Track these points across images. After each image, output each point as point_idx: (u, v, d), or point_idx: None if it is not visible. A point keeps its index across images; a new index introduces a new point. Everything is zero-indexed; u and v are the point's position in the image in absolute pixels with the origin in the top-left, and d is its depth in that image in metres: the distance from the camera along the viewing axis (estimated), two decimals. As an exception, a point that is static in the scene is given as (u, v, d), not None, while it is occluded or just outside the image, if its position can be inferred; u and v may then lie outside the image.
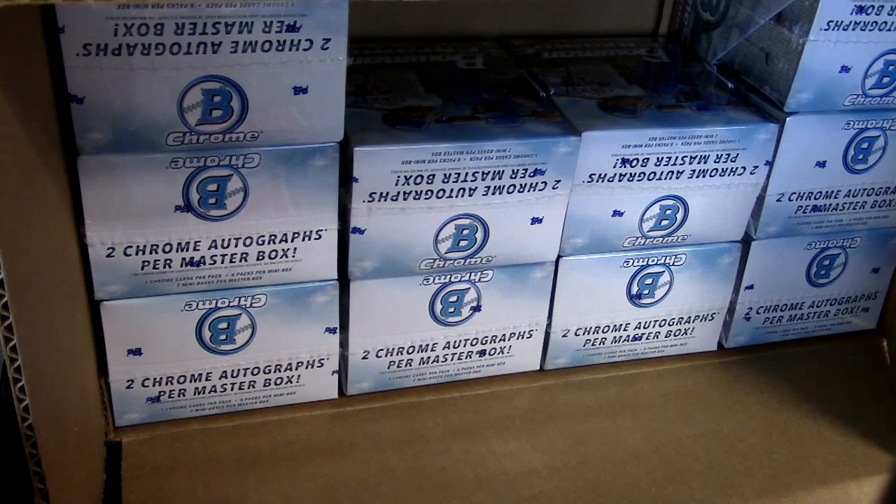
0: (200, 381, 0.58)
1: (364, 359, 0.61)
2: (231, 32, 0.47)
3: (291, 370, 0.60)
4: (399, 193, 0.54)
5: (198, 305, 0.55)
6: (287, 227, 0.54)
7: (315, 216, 0.54)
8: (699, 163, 0.60)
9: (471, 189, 0.56)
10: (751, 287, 0.68)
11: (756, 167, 0.61)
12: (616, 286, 0.64)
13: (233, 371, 0.58)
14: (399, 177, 0.54)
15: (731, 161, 0.60)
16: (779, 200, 0.63)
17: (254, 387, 0.60)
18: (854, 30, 0.58)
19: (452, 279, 0.60)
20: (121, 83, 0.46)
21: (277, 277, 0.56)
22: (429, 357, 0.62)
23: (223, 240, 0.53)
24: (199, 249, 0.53)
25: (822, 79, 0.59)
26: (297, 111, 0.50)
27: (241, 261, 0.54)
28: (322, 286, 0.57)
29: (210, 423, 0.59)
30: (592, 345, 0.66)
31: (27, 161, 0.41)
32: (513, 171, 0.56)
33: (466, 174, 0.55)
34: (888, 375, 0.71)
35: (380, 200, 0.54)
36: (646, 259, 0.63)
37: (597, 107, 0.60)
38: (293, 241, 0.55)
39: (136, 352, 0.56)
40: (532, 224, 0.58)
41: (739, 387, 0.67)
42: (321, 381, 0.61)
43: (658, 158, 0.59)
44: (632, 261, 0.63)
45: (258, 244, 0.54)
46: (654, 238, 0.63)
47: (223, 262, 0.54)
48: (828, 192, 0.64)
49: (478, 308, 0.61)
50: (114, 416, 0.58)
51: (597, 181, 0.58)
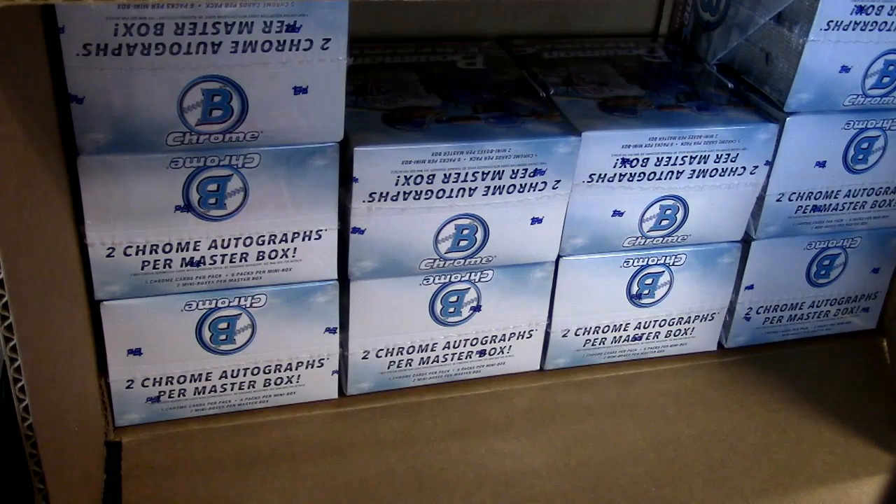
0: (200, 381, 0.58)
1: (364, 359, 0.61)
2: (231, 32, 0.47)
3: (291, 370, 0.60)
4: (399, 193, 0.54)
5: (198, 305, 0.55)
6: (287, 227, 0.54)
7: (315, 216, 0.54)
8: (699, 163, 0.60)
9: (471, 189, 0.56)
10: (751, 287, 0.67)
11: (756, 167, 0.61)
12: (616, 286, 0.64)
13: (233, 371, 0.58)
14: (399, 177, 0.54)
15: (731, 161, 0.60)
16: (779, 200, 0.63)
17: (254, 387, 0.60)
18: (854, 30, 0.58)
19: (452, 279, 0.60)
20: (121, 83, 0.46)
21: (277, 277, 0.56)
22: (429, 357, 0.62)
23: (223, 240, 0.53)
24: (199, 249, 0.53)
25: (822, 79, 0.59)
26: (297, 111, 0.50)
27: (241, 261, 0.54)
28: (322, 286, 0.57)
29: (210, 423, 0.59)
30: (592, 345, 0.66)
31: (27, 161, 0.41)
32: (513, 171, 0.56)
33: (466, 174, 0.55)
34: (888, 375, 0.71)
35: (380, 200, 0.54)
36: (646, 259, 0.63)
37: (597, 107, 0.60)
38: (293, 241, 0.55)
39: (136, 352, 0.56)
40: (532, 224, 0.58)
41: (739, 387, 0.67)
42: (321, 381, 0.61)
43: (658, 158, 0.59)
44: (632, 261, 0.63)
45: (258, 244, 0.54)
46: (654, 238, 0.63)
47: (223, 262, 0.54)
48: (828, 192, 0.64)
49: (478, 308, 0.61)
50: (114, 416, 0.58)
51: (597, 181, 0.58)
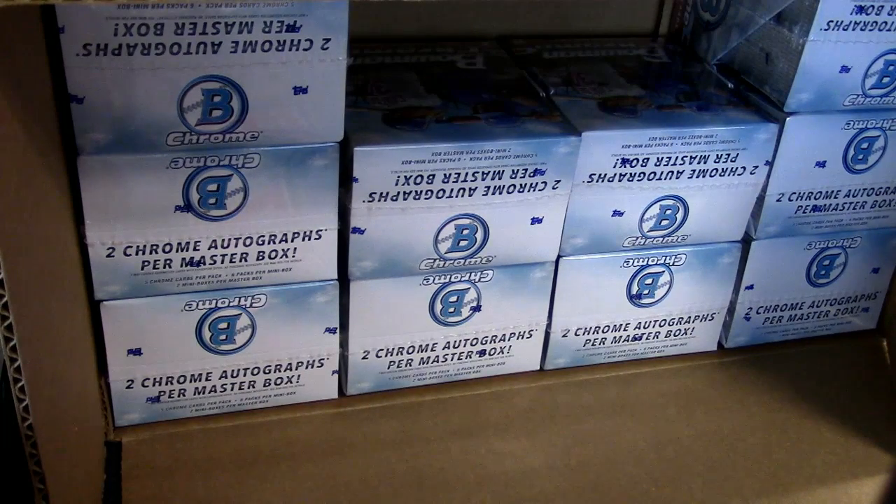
0: (200, 381, 0.58)
1: (364, 359, 0.61)
2: (231, 32, 0.47)
3: (291, 370, 0.60)
4: (399, 193, 0.54)
5: (198, 305, 0.55)
6: (287, 227, 0.54)
7: (315, 216, 0.54)
8: (699, 163, 0.60)
9: (471, 189, 0.56)
10: (751, 287, 0.67)
11: (756, 167, 0.61)
12: (616, 286, 0.64)
13: (233, 371, 0.58)
14: (399, 177, 0.54)
15: (731, 161, 0.60)
16: (779, 200, 0.63)
17: (254, 387, 0.60)
18: (854, 30, 0.58)
19: (452, 279, 0.60)
20: (121, 83, 0.46)
21: (277, 277, 0.56)
22: (429, 357, 0.62)
23: (223, 240, 0.53)
24: (199, 249, 0.53)
25: (822, 79, 0.59)
26: (297, 111, 0.50)
27: (241, 261, 0.54)
28: (322, 286, 0.57)
29: (210, 423, 0.59)
30: (592, 345, 0.66)
31: (27, 161, 0.41)
32: (513, 171, 0.56)
33: (466, 174, 0.55)
34: (888, 375, 0.71)
35: (380, 200, 0.54)
36: (646, 259, 0.63)
37: (597, 107, 0.60)
38: (293, 241, 0.55)
39: (136, 352, 0.56)
40: (532, 224, 0.58)
41: (739, 387, 0.67)
42: (321, 381, 0.61)
43: (658, 158, 0.59)
44: (632, 261, 0.63)
45: (258, 244, 0.54)
46: (654, 238, 0.62)
47: (223, 262, 0.54)
48: (828, 192, 0.64)
49: (478, 308, 0.61)
50: (114, 416, 0.58)
51: (597, 181, 0.58)
